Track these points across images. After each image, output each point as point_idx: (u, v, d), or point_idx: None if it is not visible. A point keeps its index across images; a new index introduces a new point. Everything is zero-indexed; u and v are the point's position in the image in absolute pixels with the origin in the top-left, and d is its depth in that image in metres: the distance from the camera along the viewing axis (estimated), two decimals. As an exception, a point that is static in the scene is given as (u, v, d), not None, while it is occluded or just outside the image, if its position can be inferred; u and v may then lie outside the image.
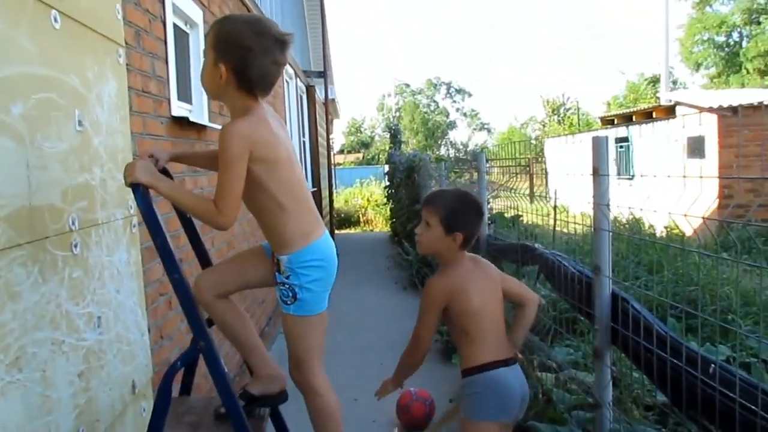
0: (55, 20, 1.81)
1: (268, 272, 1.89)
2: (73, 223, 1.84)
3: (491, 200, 5.04)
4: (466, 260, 2.16)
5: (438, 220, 2.08)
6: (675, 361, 1.87)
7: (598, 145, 2.34)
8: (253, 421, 1.65)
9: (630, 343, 2.17)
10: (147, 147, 2.51)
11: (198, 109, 3.53)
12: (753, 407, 1.53)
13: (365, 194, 17.67)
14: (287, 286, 1.82)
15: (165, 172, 1.79)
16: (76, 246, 1.86)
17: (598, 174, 2.34)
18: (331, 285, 1.96)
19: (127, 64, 2.39)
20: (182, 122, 3.08)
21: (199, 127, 3.40)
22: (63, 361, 1.76)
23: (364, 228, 15.92)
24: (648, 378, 2.09)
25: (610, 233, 2.28)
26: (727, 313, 4.72)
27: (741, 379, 1.63)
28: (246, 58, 1.67)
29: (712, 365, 1.73)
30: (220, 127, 3.83)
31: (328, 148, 12.41)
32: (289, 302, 1.83)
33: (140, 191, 1.55)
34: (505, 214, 4.63)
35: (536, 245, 3.18)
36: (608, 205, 2.28)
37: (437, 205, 2.10)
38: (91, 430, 1.90)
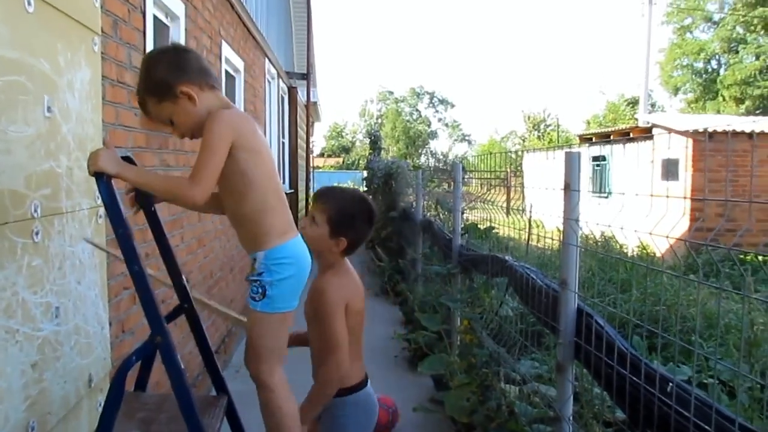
0: (29, 3, 1.78)
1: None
2: (36, 211, 1.80)
3: (467, 211, 5.07)
4: (347, 265, 2.07)
5: (325, 218, 1.97)
6: (634, 378, 1.89)
7: (571, 161, 2.37)
8: (208, 420, 1.63)
9: (592, 359, 2.19)
10: (119, 138, 2.47)
11: (174, 102, 3.49)
12: (707, 427, 1.55)
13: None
14: (258, 283, 1.81)
15: (128, 160, 1.75)
16: (37, 234, 1.82)
17: (570, 189, 2.36)
18: (302, 286, 1.93)
19: (102, 53, 2.35)
20: (157, 115, 3.04)
21: (175, 121, 3.36)
22: (16, 350, 1.71)
23: (340, 232, 15.87)
24: (608, 393, 2.11)
25: (578, 248, 2.30)
26: (691, 334, 4.79)
27: (696, 398, 1.64)
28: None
29: (670, 383, 1.75)
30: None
31: (308, 150, 12.37)
32: (257, 298, 1.81)
33: (104, 181, 1.52)
34: (480, 226, 4.64)
35: (506, 257, 3.19)
36: (577, 220, 2.30)
37: (329, 203, 2.00)
38: (42, 422, 1.85)
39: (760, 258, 8.76)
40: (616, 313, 3.79)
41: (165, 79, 1.69)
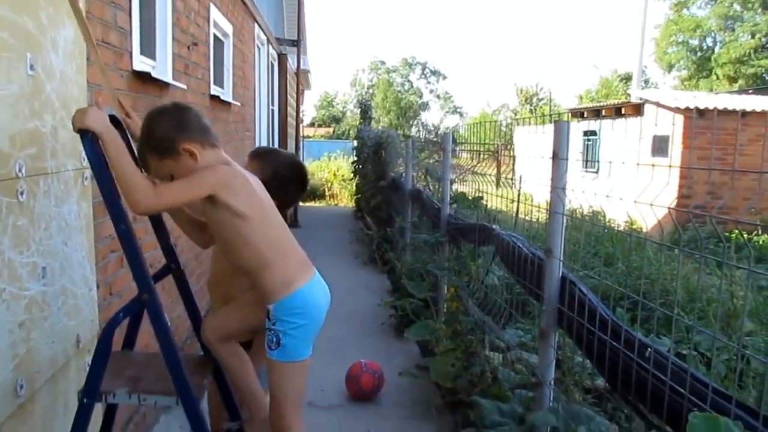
0: (11, -43, 1.74)
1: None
2: (20, 170, 1.79)
3: (456, 182, 5.09)
4: None
5: (259, 178, 1.95)
6: (614, 343, 1.93)
7: (559, 130, 2.38)
8: (195, 378, 1.65)
9: (574, 325, 2.22)
10: (104, 99, 2.44)
11: (162, 65, 3.45)
12: (681, 390, 1.59)
13: (332, 168, 17.58)
14: (273, 332, 1.82)
15: (114, 120, 1.72)
16: (22, 193, 1.81)
17: (558, 158, 2.37)
18: (316, 331, 1.92)
19: (86, 12, 2.31)
20: (144, 78, 3.00)
21: (162, 84, 3.32)
22: (3, 309, 1.72)
23: (329, 202, 15.87)
24: (588, 359, 2.15)
25: (564, 216, 2.32)
26: (673, 307, 4.87)
27: (673, 363, 1.68)
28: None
29: (648, 349, 1.78)
30: (184, 86, 3.79)
31: (297, 119, 12.28)
32: (272, 347, 1.83)
33: (89, 139, 1.50)
34: (468, 196, 4.66)
35: (494, 226, 3.22)
36: (564, 189, 2.32)
37: (265, 163, 2.00)
38: (30, 381, 1.86)
39: (744, 235, 8.87)
40: (600, 285, 3.84)
41: (167, 136, 1.68)
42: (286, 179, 2.04)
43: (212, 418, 2.29)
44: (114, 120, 1.72)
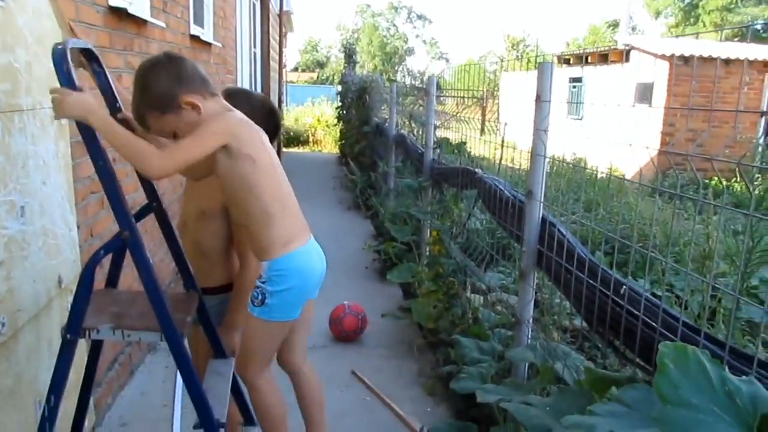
0: None
1: None
2: (-6, 106, 1.75)
3: (441, 128, 5.07)
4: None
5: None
6: (591, 282, 1.97)
7: (543, 71, 2.36)
8: (178, 315, 1.66)
9: (553, 265, 2.27)
10: (79, 34, 2.37)
11: (139, 1, 3.34)
12: (653, 324, 1.64)
13: (316, 114, 17.36)
14: (260, 289, 1.79)
15: (89, 54, 1.65)
16: (-3, 130, 1.78)
17: (541, 100, 2.36)
18: (307, 296, 1.89)
19: (58, -59, 2.22)
20: (120, 14, 2.91)
21: (140, 22, 3.22)
22: (-18, 247, 1.71)
23: (313, 148, 15.74)
24: (566, 298, 2.20)
25: (545, 159, 2.33)
26: (651, 249, 4.97)
27: (646, 299, 1.73)
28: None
29: (624, 286, 1.83)
30: (163, 24, 3.68)
31: (280, 62, 12.04)
32: (255, 303, 1.80)
33: (63, 69, 1.46)
34: (452, 142, 4.65)
35: (476, 170, 3.23)
36: (546, 131, 2.32)
37: (236, 104, 1.89)
38: (12, 319, 1.87)
39: (723, 182, 8.98)
40: (581, 230, 3.89)
41: (167, 91, 1.59)
42: (257, 123, 1.97)
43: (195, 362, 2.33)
44: (89, 53, 1.67)
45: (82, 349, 2.07)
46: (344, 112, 10.75)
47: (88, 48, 1.65)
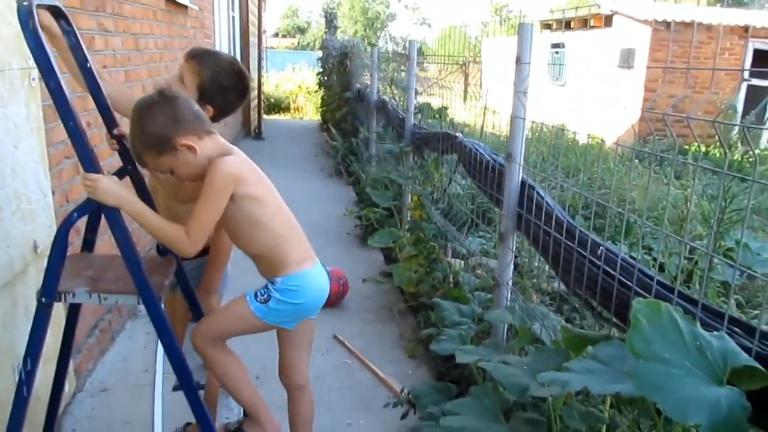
0: None
1: None
2: (-41, 66, 1.70)
3: (423, 94, 5.03)
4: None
5: (196, 83, 1.85)
6: (568, 243, 1.99)
7: (522, 33, 2.34)
8: (155, 278, 1.65)
9: (532, 228, 2.28)
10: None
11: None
12: (629, 283, 1.66)
13: (297, 80, 17.12)
14: (269, 292, 1.74)
15: (57, 12, 1.60)
16: (-37, 91, 1.73)
17: (520, 62, 2.34)
18: (311, 314, 1.86)
19: None
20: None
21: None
22: (-48, 211, 1.68)
23: (294, 115, 15.58)
24: (544, 259, 2.22)
25: (524, 120, 2.32)
26: (630, 214, 5.03)
27: (622, 260, 1.75)
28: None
29: (600, 247, 1.85)
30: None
31: (260, 27, 11.80)
32: (258, 299, 1.75)
33: (30, 30, 1.40)
34: (433, 107, 4.62)
35: (457, 134, 3.21)
36: (526, 93, 2.31)
37: (203, 66, 1.85)
38: (-13, 285, 1.85)
39: (702, 148, 9.05)
40: (561, 195, 3.91)
41: (163, 134, 1.57)
42: (224, 87, 1.89)
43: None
44: (57, 11, 1.61)
45: (60, 314, 2.06)
46: (325, 78, 10.61)
47: (56, 5, 1.59)
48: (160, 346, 2.74)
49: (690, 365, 1.18)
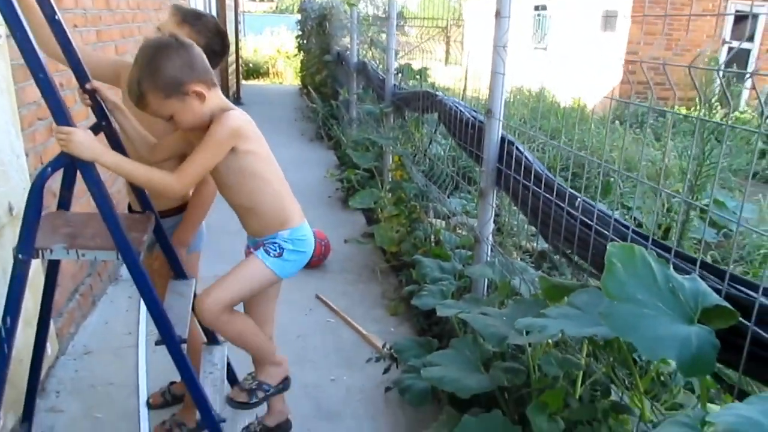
0: None
1: None
2: None
3: (403, 57, 4.98)
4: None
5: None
6: (547, 196, 2.00)
7: (502, -15, 2.31)
8: (134, 234, 1.64)
9: (511, 183, 2.29)
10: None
11: None
12: (605, 232, 1.69)
13: (276, 44, 16.83)
14: (278, 244, 1.77)
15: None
16: (-72, 46, 1.68)
17: (500, 16, 2.32)
18: (300, 268, 1.88)
19: None
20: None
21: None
22: None
23: (274, 80, 15.36)
24: (523, 214, 2.24)
25: (504, 76, 2.31)
26: (611, 175, 5.08)
27: (599, 210, 1.77)
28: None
29: (578, 199, 1.87)
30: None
31: (236, -11, 11.55)
32: (271, 254, 1.76)
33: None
34: (413, 68, 4.58)
35: (437, 92, 3.20)
36: (505, 47, 2.29)
37: (199, 34, 1.85)
38: (-38, 246, 1.83)
39: (683, 110, 9.10)
40: (543, 157, 3.91)
41: (178, 77, 1.57)
42: (215, 51, 1.91)
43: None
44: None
45: (39, 276, 2.04)
46: (304, 41, 10.44)
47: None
48: (143, 307, 2.75)
49: (662, 306, 1.21)
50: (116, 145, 1.81)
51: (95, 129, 1.76)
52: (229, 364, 2.09)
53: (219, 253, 2.53)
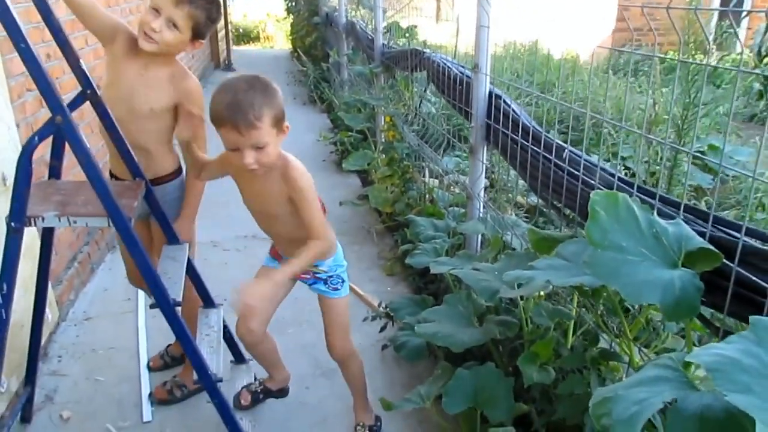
0: None
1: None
2: None
3: (393, 16, 4.90)
4: None
5: (191, 25, 1.83)
6: (535, 149, 2.01)
7: (486, -65, 2.27)
8: (125, 201, 1.65)
9: (500, 137, 2.30)
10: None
11: None
12: (592, 181, 1.70)
13: (265, 8, 16.54)
14: (334, 276, 1.89)
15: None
16: None
17: (485, -33, 2.29)
18: None
19: None
20: None
21: None
22: None
23: (265, 44, 15.14)
24: (513, 167, 2.25)
25: (488, 29, 2.29)
26: (604, 126, 5.06)
27: (585, 160, 1.78)
28: None
29: (566, 150, 1.87)
30: None
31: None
32: (339, 287, 1.91)
33: None
34: (401, 26, 4.52)
35: (425, 50, 3.17)
36: (489, 1, 2.27)
37: (198, 9, 1.82)
38: (-44, 217, 1.84)
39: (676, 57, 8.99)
40: (536, 111, 3.90)
41: (283, 111, 1.65)
42: (212, 19, 1.89)
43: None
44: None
45: (37, 244, 2.06)
46: (293, 3, 10.26)
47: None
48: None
49: (646, 251, 1.23)
50: (103, 114, 1.81)
51: (79, 98, 1.76)
52: (226, 327, 2.12)
53: (214, 221, 2.55)
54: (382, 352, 2.54)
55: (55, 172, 1.81)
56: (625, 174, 3.84)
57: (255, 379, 2.21)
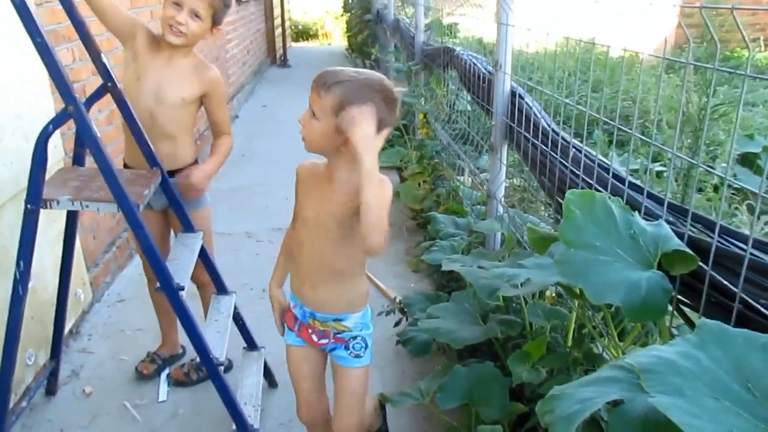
0: None
1: None
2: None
3: (450, 13, 4.89)
4: None
5: (210, 13, 1.93)
6: (544, 147, 1.99)
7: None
8: (136, 188, 1.74)
9: (516, 136, 2.28)
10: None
11: None
12: (590, 182, 1.67)
13: (324, 5, 16.78)
14: (359, 338, 1.61)
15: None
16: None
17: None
18: None
19: None
20: None
21: None
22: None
23: (322, 41, 15.36)
24: (524, 163, 2.23)
25: (508, 27, 2.27)
26: (652, 126, 4.89)
27: (599, 162, 1.75)
28: None
29: (581, 152, 1.84)
30: None
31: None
32: (362, 354, 1.61)
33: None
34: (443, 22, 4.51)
35: (456, 47, 3.16)
36: (511, -2, 2.25)
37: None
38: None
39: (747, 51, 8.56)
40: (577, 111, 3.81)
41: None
42: (227, 4, 2.03)
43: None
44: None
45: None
46: (350, 1, 10.37)
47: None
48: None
49: (621, 252, 1.21)
50: (123, 106, 1.90)
51: (100, 90, 1.86)
52: (238, 313, 2.19)
53: (250, 212, 2.61)
54: (395, 347, 2.56)
55: (79, 159, 1.92)
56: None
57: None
